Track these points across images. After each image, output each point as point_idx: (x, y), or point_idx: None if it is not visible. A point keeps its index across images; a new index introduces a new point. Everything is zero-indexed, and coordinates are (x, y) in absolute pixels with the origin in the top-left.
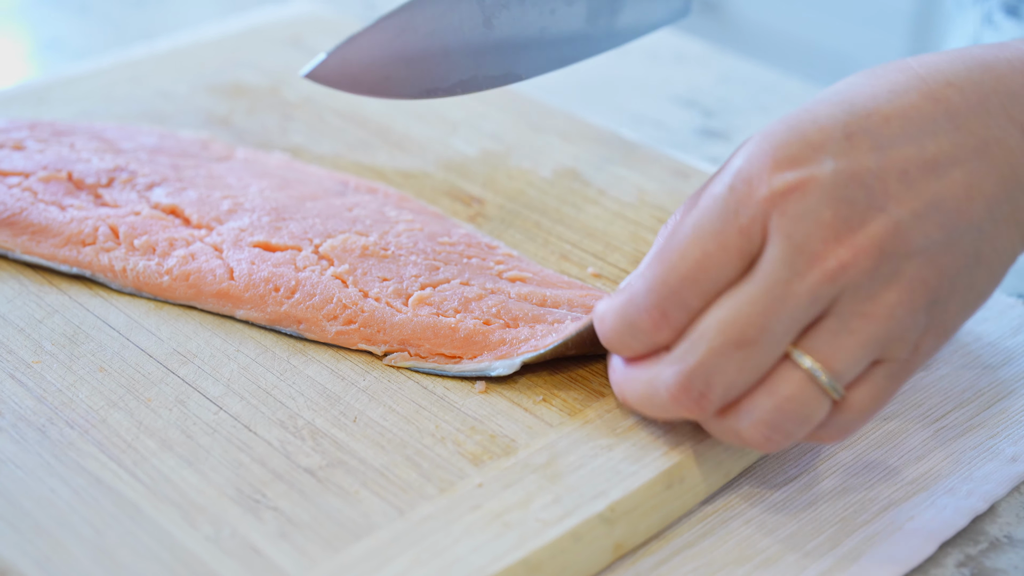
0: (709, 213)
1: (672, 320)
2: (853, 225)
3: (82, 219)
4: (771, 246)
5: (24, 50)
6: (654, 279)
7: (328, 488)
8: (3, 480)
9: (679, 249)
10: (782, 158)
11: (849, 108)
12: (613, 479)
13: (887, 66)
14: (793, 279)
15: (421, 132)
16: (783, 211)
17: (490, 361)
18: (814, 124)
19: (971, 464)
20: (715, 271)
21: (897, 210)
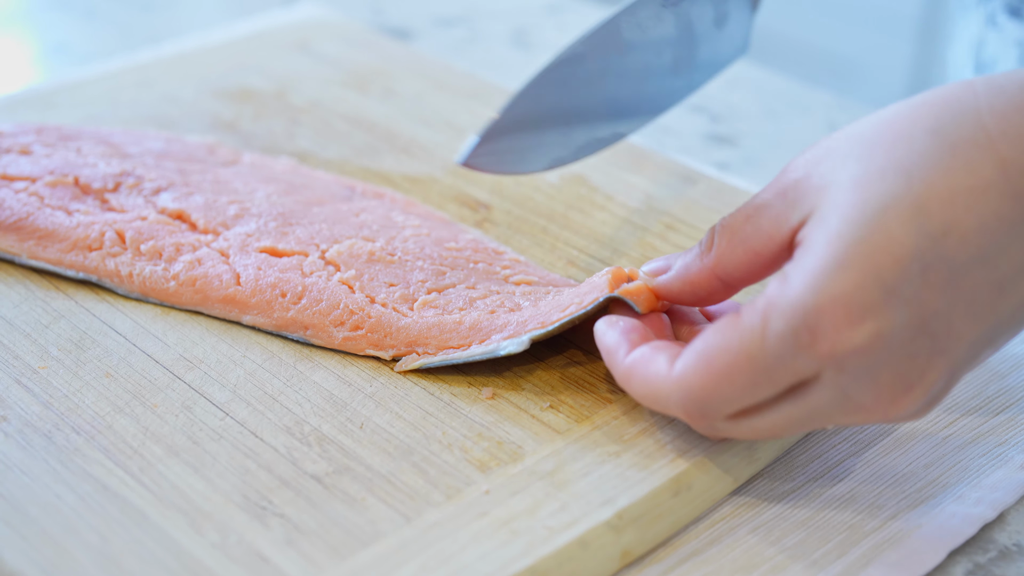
0: (765, 348)
1: (706, 418)
2: (911, 381)
3: (88, 224)
4: (821, 389)
5: (31, 54)
6: (696, 388)
7: (335, 495)
8: (9, 486)
9: (726, 371)
10: (854, 309)
11: (925, 223)
12: (620, 486)
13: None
14: (836, 415)
15: (428, 137)
16: (842, 367)
17: (498, 342)
18: (889, 255)
19: (980, 472)
20: (758, 396)
21: (957, 348)
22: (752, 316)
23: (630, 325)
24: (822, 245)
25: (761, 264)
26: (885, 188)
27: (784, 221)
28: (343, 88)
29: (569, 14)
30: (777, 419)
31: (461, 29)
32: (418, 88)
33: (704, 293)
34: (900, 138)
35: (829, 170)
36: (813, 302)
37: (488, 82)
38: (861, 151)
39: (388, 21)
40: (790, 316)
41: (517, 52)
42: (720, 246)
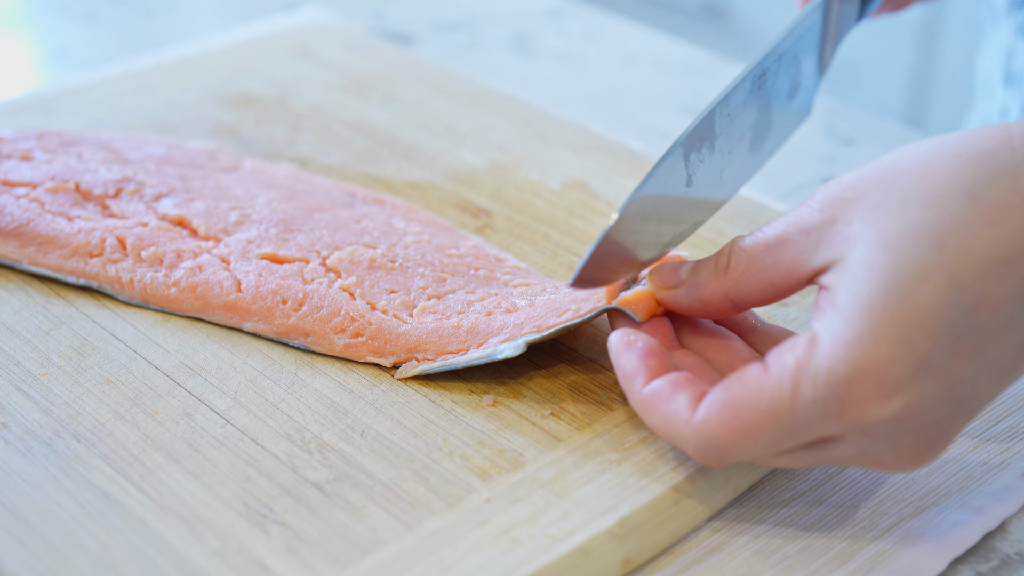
0: (794, 411)
1: (723, 464)
2: (933, 441)
3: (89, 230)
4: (843, 447)
5: (32, 59)
6: (717, 440)
7: (335, 503)
8: (10, 494)
9: (751, 428)
10: (885, 383)
11: (958, 296)
12: (622, 494)
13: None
14: (856, 466)
15: (429, 143)
16: (866, 432)
17: (495, 345)
18: (922, 329)
19: (982, 480)
20: (781, 448)
21: (978, 407)
22: (782, 376)
23: (648, 347)
24: (854, 312)
25: (776, 293)
26: (918, 254)
27: (806, 260)
28: (344, 94)
29: (570, 19)
30: (795, 461)
31: (462, 34)
32: (419, 94)
33: (713, 311)
34: (935, 196)
35: (860, 220)
36: (845, 373)
37: (489, 88)
38: (893, 207)
39: (389, 26)
40: (823, 385)
41: (518, 57)
42: (736, 271)
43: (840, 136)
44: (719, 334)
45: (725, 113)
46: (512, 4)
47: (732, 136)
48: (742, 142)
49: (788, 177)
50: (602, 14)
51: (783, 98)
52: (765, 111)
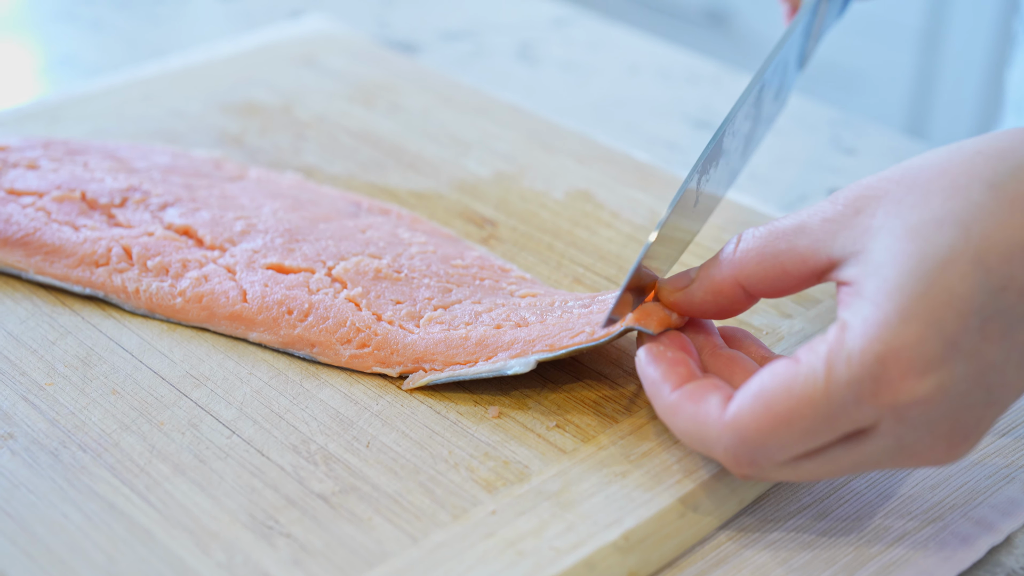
0: (829, 395)
1: (754, 465)
2: (967, 431)
3: (95, 239)
4: (878, 438)
5: (38, 66)
6: (751, 432)
7: (341, 514)
8: (16, 505)
9: (786, 416)
10: (918, 361)
11: (984, 278)
12: (627, 507)
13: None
14: (887, 462)
15: (434, 152)
16: (901, 417)
17: (505, 360)
18: (951, 309)
19: (986, 493)
20: (814, 441)
21: (1007, 398)
22: (814, 361)
23: (678, 357)
24: (883, 295)
25: (787, 282)
26: (943, 240)
27: (823, 248)
28: (349, 103)
29: (574, 28)
30: (826, 465)
31: (467, 43)
32: (424, 103)
33: (726, 302)
34: (957, 188)
35: (883, 214)
36: (878, 352)
37: (494, 97)
38: (916, 199)
39: (394, 35)
40: (857, 365)
41: (523, 66)
42: (747, 255)
43: (844, 147)
44: (736, 357)
45: (731, 132)
46: (516, 13)
47: (733, 150)
48: (737, 151)
49: (792, 188)
50: (606, 23)
51: (771, 100)
52: (756, 118)
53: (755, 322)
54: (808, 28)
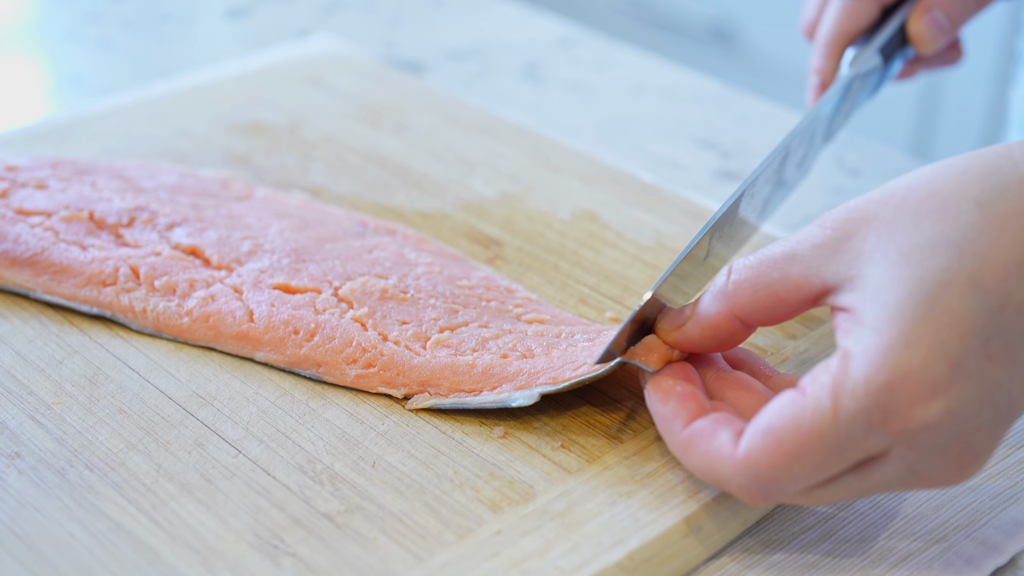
0: (838, 428)
1: (768, 499)
2: (977, 452)
3: (103, 259)
4: (889, 465)
5: (47, 86)
6: (764, 469)
7: (346, 534)
8: (23, 524)
9: (797, 451)
10: (925, 386)
11: (983, 298)
12: (631, 527)
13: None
14: (898, 486)
15: (440, 172)
16: (912, 443)
17: (510, 392)
18: (953, 332)
19: (991, 514)
20: (826, 473)
21: (1016, 415)
22: (820, 394)
23: (687, 392)
24: (884, 322)
25: (783, 309)
26: (938, 263)
27: (816, 275)
28: (356, 122)
29: (580, 48)
30: (839, 492)
31: (473, 63)
32: (430, 123)
33: (724, 335)
34: (947, 209)
35: (874, 238)
36: (884, 380)
37: (500, 117)
38: (906, 222)
39: (400, 54)
40: (863, 396)
41: (528, 86)
42: (740, 286)
43: (848, 167)
44: (740, 379)
45: (750, 194)
46: (522, 33)
47: (750, 211)
48: (754, 213)
49: (797, 208)
50: (612, 43)
51: (794, 168)
52: (779, 184)
53: (760, 342)
54: (839, 105)
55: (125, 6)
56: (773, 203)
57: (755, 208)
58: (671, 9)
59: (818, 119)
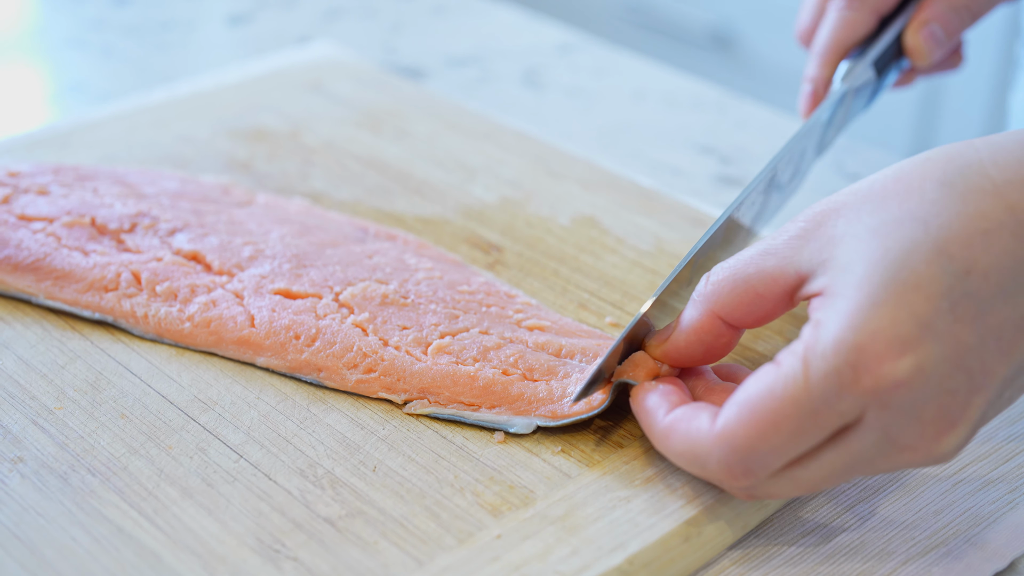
0: (810, 390)
1: (749, 474)
2: (954, 418)
3: (105, 265)
4: (865, 431)
5: (48, 93)
6: (740, 440)
7: (347, 538)
8: (25, 528)
9: (772, 419)
10: (893, 342)
11: (948, 263)
12: (631, 531)
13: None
14: (879, 460)
15: (440, 178)
16: (885, 404)
17: (509, 416)
18: (920, 293)
19: (990, 519)
20: (804, 443)
21: (991, 385)
22: (792, 361)
23: (669, 389)
24: (852, 288)
25: (762, 305)
26: (904, 234)
27: (789, 264)
28: (356, 128)
29: (580, 54)
30: (820, 469)
31: (473, 69)
32: (431, 129)
33: (710, 339)
34: (911, 190)
35: (843, 223)
36: (853, 340)
37: (500, 123)
38: (874, 205)
39: (401, 60)
40: (832, 355)
41: (528, 92)
42: (719, 287)
43: (847, 173)
44: (729, 388)
45: (737, 216)
46: (522, 39)
47: (737, 233)
48: (741, 232)
49: (794, 213)
50: (612, 49)
51: (783, 186)
52: (767, 202)
53: (759, 347)
54: (832, 118)
55: (126, 13)
56: (763, 219)
57: (743, 227)
58: (671, 15)
59: (806, 139)
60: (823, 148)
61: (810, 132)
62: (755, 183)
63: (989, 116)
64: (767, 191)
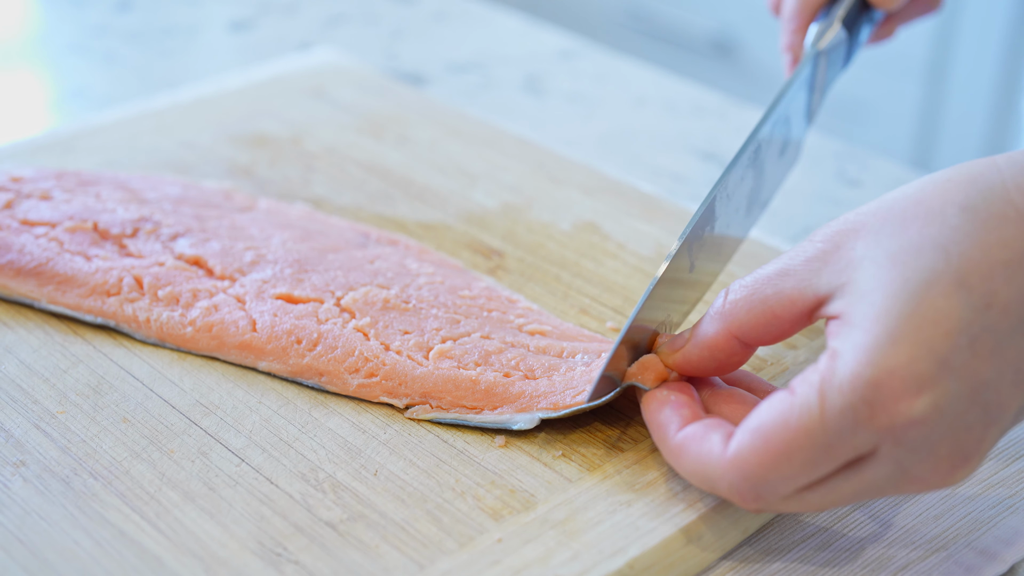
0: (825, 424)
1: (760, 500)
2: (968, 452)
3: (107, 269)
4: (879, 464)
5: (51, 98)
6: (753, 468)
7: (349, 542)
8: (27, 532)
9: (785, 449)
10: (910, 380)
11: (968, 297)
12: (632, 535)
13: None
14: (889, 488)
15: (442, 184)
16: (900, 440)
17: (511, 414)
18: (939, 328)
19: (990, 523)
20: (816, 472)
21: (1006, 417)
22: (808, 392)
23: (681, 400)
24: (871, 320)
25: (779, 326)
26: (924, 264)
27: (808, 287)
28: (358, 134)
29: (581, 60)
30: (830, 495)
31: (474, 75)
32: (432, 135)
33: (723, 356)
34: (932, 215)
35: (863, 245)
36: (870, 376)
37: (501, 129)
38: (894, 228)
39: (402, 66)
40: (848, 391)
41: (530, 98)
42: (736, 305)
43: (849, 179)
44: (735, 393)
45: (724, 195)
46: (523, 45)
47: (730, 211)
48: (739, 212)
49: (797, 220)
50: (613, 56)
51: (775, 157)
52: (759, 175)
53: (760, 352)
54: (810, 82)
55: (129, 19)
56: (762, 197)
57: (738, 206)
58: (672, 22)
59: (787, 107)
60: (811, 115)
61: (788, 99)
62: (738, 157)
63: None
64: (756, 166)
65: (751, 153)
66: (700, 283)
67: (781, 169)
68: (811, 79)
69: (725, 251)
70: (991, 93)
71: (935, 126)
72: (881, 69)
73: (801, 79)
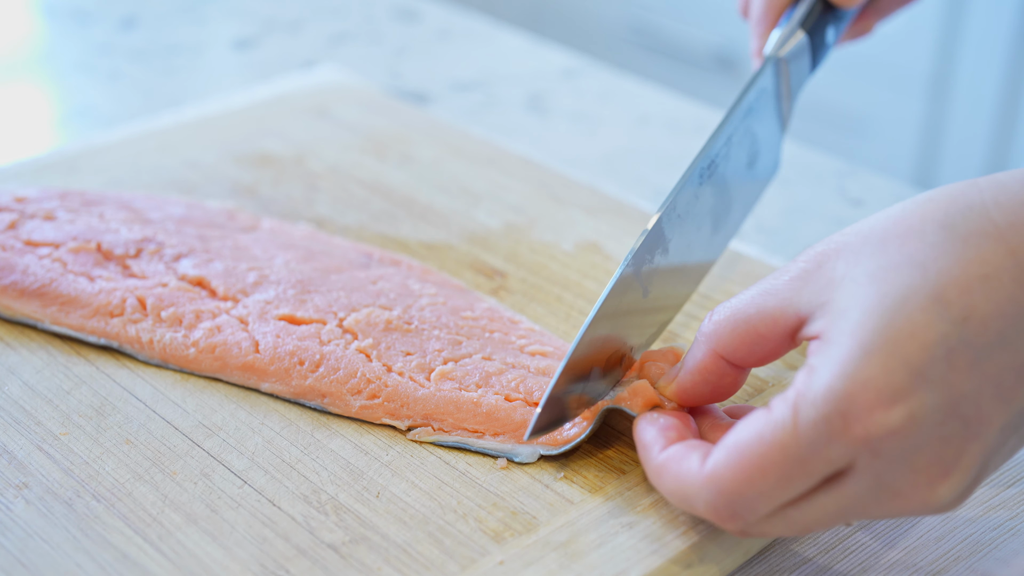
0: (798, 438)
1: (736, 518)
2: (948, 466)
3: (110, 290)
4: (857, 478)
5: (55, 118)
6: (727, 483)
7: (351, 564)
8: (30, 554)
9: (759, 464)
10: (884, 391)
11: (945, 311)
12: (634, 558)
13: (963, 212)
14: (873, 506)
15: (444, 204)
16: (876, 452)
17: (513, 445)
18: (914, 341)
19: (991, 546)
20: (793, 490)
21: (989, 433)
22: (782, 407)
23: (669, 423)
24: (846, 336)
25: (764, 346)
26: (902, 280)
27: (789, 306)
28: (361, 154)
29: (584, 79)
30: (813, 513)
31: (478, 94)
32: (435, 154)
33: (715, 378)
34: (911, 232)
35: (843, 265)
36: (843, 388)
37: (504, 149)
38: (874, 247)
39: (405, 85)
40: (821, 404)
41: (533, 117)
42: (720, 326)
43: (850, 198)
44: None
45: (673, 217)
46: (527, 64)
47: (687, 231)
48: (701, 230)
49: (798, 239)
50: (615, 74)
51: (742, 170)
52: (723, 191)
53: (761, 374)
54: (775, 90)
55: (134, 37)
56: (734, 209)
57: (700, 224)
58: (675, 37)
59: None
60: (784, 123)
61: (741, 114)
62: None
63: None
64: (711, 182)
65: (701, 171)
66: (665, 307)
67: (755, 182)
68: (776, 87)
69: (691, 272)
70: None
71: (937, 143)
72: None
73: (755, 91)
